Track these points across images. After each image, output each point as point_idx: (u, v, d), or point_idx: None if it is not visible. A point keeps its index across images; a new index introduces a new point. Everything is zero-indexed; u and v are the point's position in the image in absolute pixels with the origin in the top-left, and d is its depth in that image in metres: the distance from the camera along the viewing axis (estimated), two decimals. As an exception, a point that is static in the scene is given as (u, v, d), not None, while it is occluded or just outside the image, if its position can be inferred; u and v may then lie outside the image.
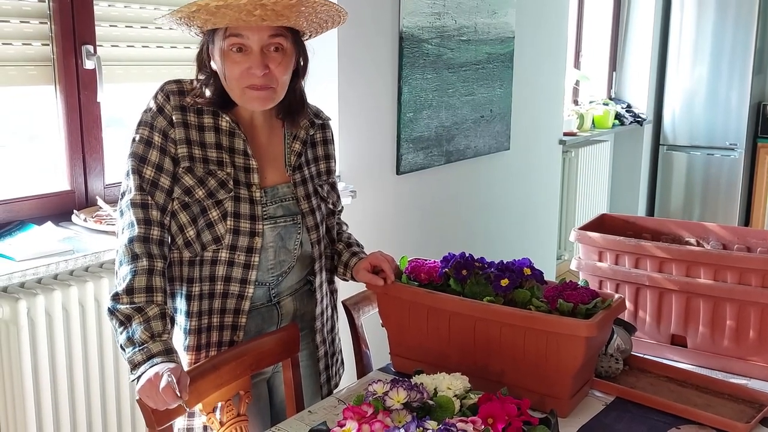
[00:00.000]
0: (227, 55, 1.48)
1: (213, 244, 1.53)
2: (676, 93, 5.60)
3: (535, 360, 1.49)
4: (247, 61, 1.48)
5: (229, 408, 1.55)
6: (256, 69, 1.47)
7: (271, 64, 1.49)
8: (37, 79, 2.10)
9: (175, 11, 1.46)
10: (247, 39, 1.47)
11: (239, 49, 1.48)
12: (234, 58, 1.48)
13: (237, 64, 1.48)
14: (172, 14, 1.47)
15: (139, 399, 1.36)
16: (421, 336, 1.63)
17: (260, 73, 1.47)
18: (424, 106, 3.14)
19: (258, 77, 1.48)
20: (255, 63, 1.47)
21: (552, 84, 4.26)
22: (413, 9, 2.99)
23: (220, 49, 1.49)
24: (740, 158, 5.42)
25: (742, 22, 5.26)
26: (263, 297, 1.62)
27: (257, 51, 1.48)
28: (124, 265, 1.47)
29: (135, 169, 1.51)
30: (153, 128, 1.52)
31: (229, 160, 1.55)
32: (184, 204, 1.54)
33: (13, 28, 2.02)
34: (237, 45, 1.47)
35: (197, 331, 1.57)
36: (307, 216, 1.64)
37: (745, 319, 1.74)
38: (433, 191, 3.32)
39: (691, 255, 1.78)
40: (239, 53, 1.48)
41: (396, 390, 1.26)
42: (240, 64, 1.48)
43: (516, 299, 1.56)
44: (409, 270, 1.66)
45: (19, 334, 1.82)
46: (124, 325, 1.42)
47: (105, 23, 2.21)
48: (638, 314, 1.88)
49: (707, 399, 1.59)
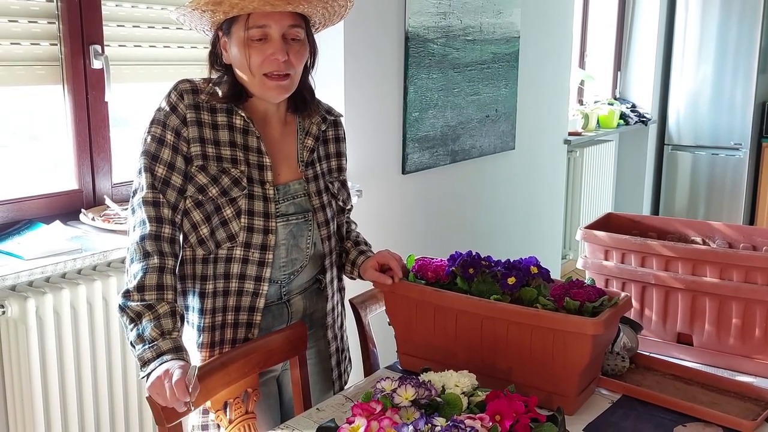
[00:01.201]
0: (249, 44, 1.50)
1: (227, 242, 1.54)
2: (680, 93, 5.60)
3: (541, 358, 1.49)
4: (269, 47, 1.50)
5: (237, 405, 1.56)
6: (278, 54, 1.50)
7: (290, 52, 1.52)
8: (45, 78, 2.11)
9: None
10: (269, 27, 1.50)
11: (260, 39, 1.50)
12: (255, 46, 1.51)
13: (260, 51, 1.51)
14: (195, 1, 1.49)
15: (149, 396, 1.37)
16: (428, 334, 1.64)
17: (282, 59, 1.50)
18: (430, 106, 3.15)
19: (279, 63, 1.50)
20: (277, 49, 1.50)
21: (557, 84, 4.26)
22: (419, 9, 3.00)
23: (241, 39, 1.50)
24: (745, 158, 5.41)
25: (747, 22, 5.26)
26: (274, 295, 1.63)
27: (278, 38, 1.50)
28: (135, 262, 1.48)
29: (147, 167, 1.52)
30: (166, 127, 1.53)
31: (243, 158, 1.56)
32: (198, 202, 1.54)
33: (21, 28, 2.03)
34: (261, 33, 1.50)
35: (211, 329, 1.58)
36: (318, 212, 1.65)
37: (750, 317, 1.74)
38: (438, 191, 3.33)
39: (696, 254, 1.78)
40: (260, 42, 1.50)
41: (404, 387, 1.27)
42: (261, 51, 1.51)
43: (523, 297, 1.56)
44: (416, 269, 1.67)
45: (28, 333, 1.84)
46: (134, 322, 1.43)
47: (113, 23, 2.23)
48: (644, 312, 1.88)
49: (713, 397, 1.59)
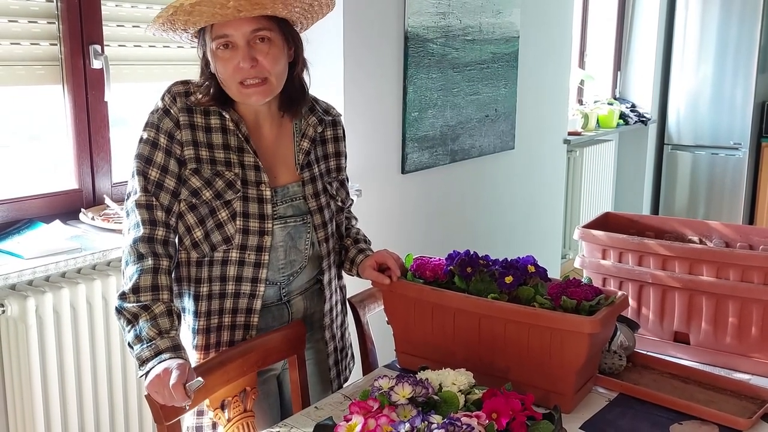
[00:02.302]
0: (216, 54, 1.51)
1: (223, 245, 1.55)
2: (680, 93, 5.60)
3: (539, 356, 1.50)
4: (236, 56, 1.49)
5: (236, 404, 1.57)
6: (243, 62, 1.48)
7: (259, 55, 1.50)
8: (45, 78, 2.12)
9: (156, 17, 1.47)
10: (231, 36, 1.48)
11: (226, 46, 1.50)
12: (223, 56, 1.50)
13: (227, 61, 1.50)
14: (154, 21, 1.49)
15: (148, 395, 1.38)
16: (426, 333, 1.65)
17: (248, 66, 1.48)
18: (429, 106, 3.16)
19: (247, 70, 1.49)
20: (242, 56, 1.48)
21: (556, 83, 4.27)
22: (418, 9, 3.00)
23: (211, 50, 1.51)
24: (744, 158, 5.41)
25: (747, 21, 5.26)
26: (274, 296, 1.64)
27: (243, 45, 1.49)
28: (130, 264, 1.49)
29: (140, 171, 1.53)
30: (159, 130, 1.53)
31: (238, 161, 1.56)
32: (192, 205, 1.55)
33: (21, 27, 2.04)
34: (223, 42, 1.49)
35: (206, 331, 1.59)
36: (315, 214, 1.65)
37: (747, 316, 1.75)
38: (438, 190, 3.33)
39: (694, 253, 1.79)
40: (227, 50, 1.50)
41: (401, 385, 1.28)
42: (229, 60, 1.50)
43: (520, 296, 1.57)
44: (414, 267, 1.67)
45: (28, 332, 1.84)
46: (131, 323, 1.44)
47: (112, 23, 2.23)
48: (641, 311, 1.88)
49: (710, 395, 1.60)
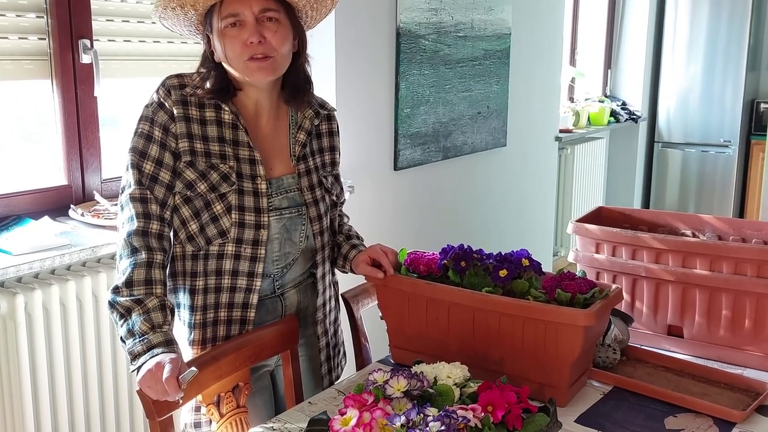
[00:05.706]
0: (224, 33, 1.50)
1: (218, 238, 1.54)
2: (670, 91, 5.62)
3: (533, 349, 1.49)
4: (244, 33, 1.50)
5: (229, 399, 1.55)
6: (252, 37, 1.49)
7: (267, 33, 1.51)
8: (33, 73, 2.10)
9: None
10: (240, 14, 1.49)
11: (234, 25, 1.50)
12: (231, 34, 1.50)
13: (234, 38, 1.50)
14: (165, 2, 1.48)
15: (139, 390, 1.36)
16: (420, 327, 1.64)
17: (256, 41, 1.49)
18: (422, 102, 3.15)
19: (255, 45, 1.49)
20: (251, 32, 1.49)
21: (548, 81, 4.27)
22: (410, 5, 3.00)
23: (218, 30, 1.50)
24: (734, 155, 5.44)
25: (736, 20, 5.29)
26: (267, 289, 1.63)
27: (252, 22, 1.50)
28: (124, 258, 1.48)
29: (134, 164, 1.51)
30: (153, 123, 1.52)
31: (233, 153, 1.55)
32: (186, 198, 1.54)
33: (9, 21, 2.01)
34: (231, 21, 1.50)
35: (202, 325, 1.57)
36: (311, 207, 1.64)
37: (740, 309, 1.75)
38: (430, 187, 3.33)
39: (687, 246, 1.79)
40: (235, 28, 1.50)
41: (396, 378, 1.27)
42: (237, 38, 1.50)
43: (514, 289, 1.56)
44: (408, 262, 1.67)
45: (17, 329, 1.82)
46: (124, 318, 1.42)
47: (102, 18, 2.21)
48: (635, 305, 1.88)
49: (703, 388, 1.60)
